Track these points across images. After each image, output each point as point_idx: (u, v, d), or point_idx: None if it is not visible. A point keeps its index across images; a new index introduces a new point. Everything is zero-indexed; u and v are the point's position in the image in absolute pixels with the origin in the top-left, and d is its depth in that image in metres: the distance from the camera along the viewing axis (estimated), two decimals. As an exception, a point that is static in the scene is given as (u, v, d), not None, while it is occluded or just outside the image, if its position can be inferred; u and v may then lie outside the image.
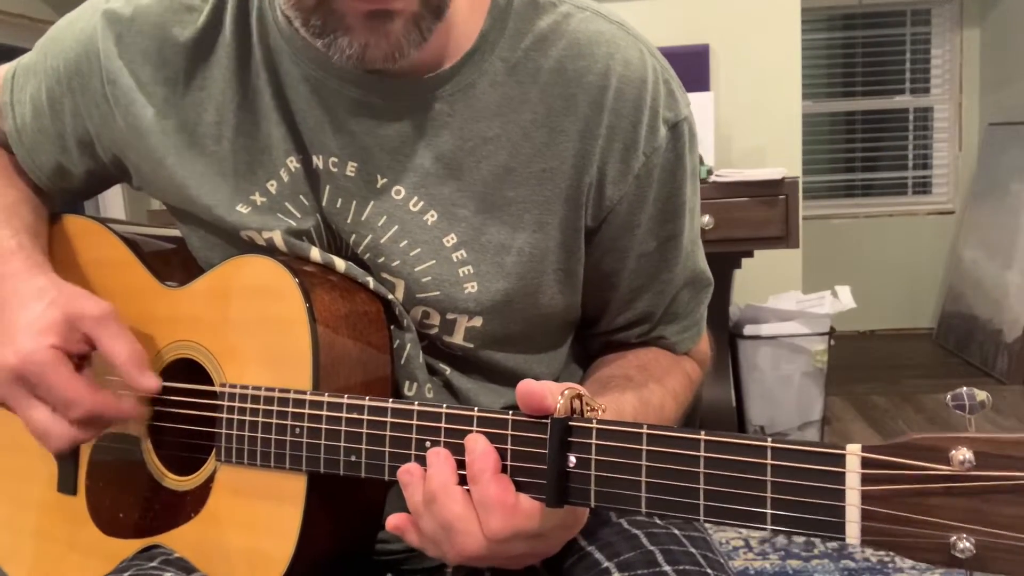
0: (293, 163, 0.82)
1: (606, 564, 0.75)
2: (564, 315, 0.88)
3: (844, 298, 2.99)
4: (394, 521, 0.69)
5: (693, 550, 0.77)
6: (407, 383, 0.84)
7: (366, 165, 0.81)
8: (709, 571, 0.74)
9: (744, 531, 2.39)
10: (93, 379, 0.81)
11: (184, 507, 0.83)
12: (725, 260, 2.73)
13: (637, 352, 0.90)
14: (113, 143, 0.88)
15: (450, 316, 0.83)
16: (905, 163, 5.07)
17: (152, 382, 0.81)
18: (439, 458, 0.67)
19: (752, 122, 3.28)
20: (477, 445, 0.65)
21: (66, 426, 0.78)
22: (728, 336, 2.96)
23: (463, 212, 0.81)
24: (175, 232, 0.95)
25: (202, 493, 0.82)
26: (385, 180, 0.81)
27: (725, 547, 2.39)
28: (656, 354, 0.91)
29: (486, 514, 0.63)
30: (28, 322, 0.78)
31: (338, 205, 0.82)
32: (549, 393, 0.63)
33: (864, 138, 5.10)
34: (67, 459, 0.91)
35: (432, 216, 0.81)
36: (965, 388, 0.50)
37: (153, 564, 0.84)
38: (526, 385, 0.64)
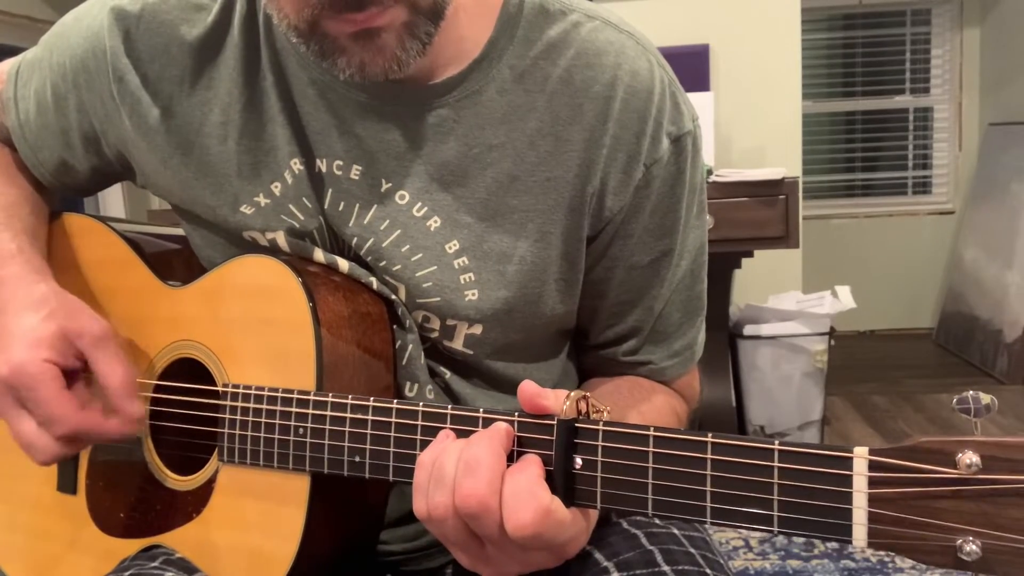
0: (296, 165, 0.82)
1: (605, 564, 0.75)
2: (563, 323, 0.88)
3: (844, 298, 2.99)
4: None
5: (692, 550, 0.77)
6: (408, 384, 0.84)
7: (371, 169, 0.81)
8: (708, 571, 0.74)
9: (744, 531, 2.39)
10: (86, 392, 0.80)
11: (186, 507, 0.83)
12: (725, 260, 2.73)
13: (632, 389, 0.88)
14: (118, 140, 0.87)
15: (450, 322, 0.83)
16: (905, 163, 5.08)
17: (137, 410, 0.80)
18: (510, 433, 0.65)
19: (752, 122, 3.28)
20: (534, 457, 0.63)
21: (50, 441, 0.78)
22: (728, 336, 2.97)
23: (466, 219, 0.80)
24: (177, 231, 0.95)
25: (204, 493, 0.82)
26: (390, 184, 0.81)
27: (725, 547, 2.39)
28: (648, 392, 0.89)
29: (515, 504, 0.60)
30: (23, 332, 0.78)
31: (340, 208, 0.82)
32: (552, 394, 0.64)
33: (864, 138, 5.10)
34: (67, 459, 0.91)
35: (435, 222, 0.81)
36: (971, 392, 0.50)
37: (154, 564, 0.84)
38: (527, 384, 0.64)
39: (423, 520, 0.64)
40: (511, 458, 0.63)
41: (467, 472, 0.61)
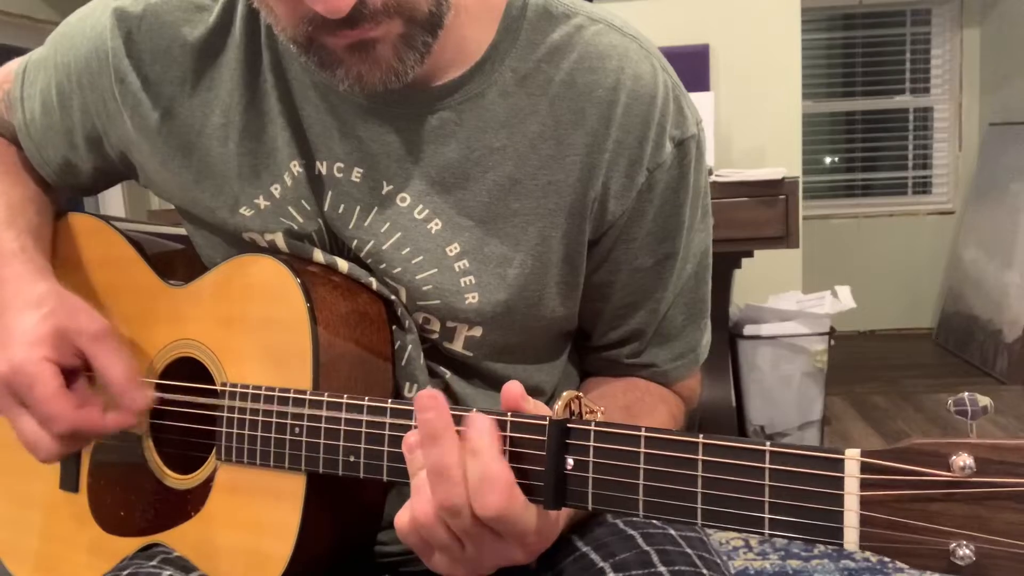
0: (296, 167, 0.82)
1: (601, 564, 0.75)
2: (564, 325, 0.88)
3: (844, 298, 2.99)
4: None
5: (689, 551, 0.77)
6: (407, 384, 0.84)
7: (372, 171, 0.81)
8: (705, 571, 0.74)
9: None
10: (87, 389, 0.80)
11: (184, 506, 0.84)
12: (725, 260, 2.72)
13: (625, 390, 0.89)
14: (121, 141, 0.88)
15: (450, 324, 0.83)
16: (905, 163, 5.08)
17: (144, 401, 0.80)
18: (438, 400, 0.63)
19: (752, 122, 3.28)
20: (485, 423, 0.61)
21: (50, 439, 0.78)
22: (728, 336, 2.96)
23: (467, 222, 0.80)
24: (180, 231, 0.95)
25: (202, 492, 0.82)
26: (391, 187, 0.81)
27: (725, 547, 2.39)
28: (643, 392, 0.89)
29: (481, 488, 0.59)
30: (23, 331, 0.78)
31: (340, 210, 0.82)
32: (535, 403, 0.64)
33: (864, 138, 5.10)
34: (69, 457, 0.91)
35: (436, 225, 0.81)
36: (967, 393, 0.50)
37: (152, 563, 0.84)
38: (513, 385, 0.64)
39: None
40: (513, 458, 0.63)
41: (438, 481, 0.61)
